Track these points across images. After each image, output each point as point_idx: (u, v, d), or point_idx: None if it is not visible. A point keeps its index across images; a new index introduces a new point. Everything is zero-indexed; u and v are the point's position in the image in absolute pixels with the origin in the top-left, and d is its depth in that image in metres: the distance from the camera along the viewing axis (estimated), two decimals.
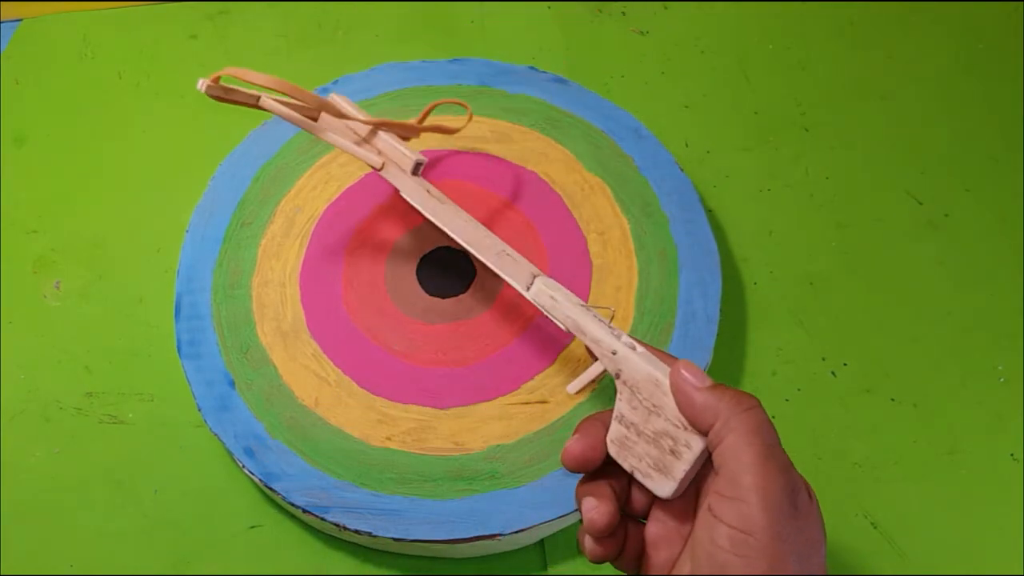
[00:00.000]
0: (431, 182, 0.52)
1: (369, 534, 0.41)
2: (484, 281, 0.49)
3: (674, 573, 0.31)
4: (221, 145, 0.54)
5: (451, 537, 0.41)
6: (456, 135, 0.54)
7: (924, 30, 0.64)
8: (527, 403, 0.45)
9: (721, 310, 0.48)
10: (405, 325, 0.47)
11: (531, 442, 0.44)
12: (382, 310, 0.48)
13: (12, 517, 0.45)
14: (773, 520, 0.27)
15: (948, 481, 0.46)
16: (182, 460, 0.47)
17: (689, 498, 0.33)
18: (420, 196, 0.44)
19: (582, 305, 0.37)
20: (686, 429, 0.31)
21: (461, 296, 0.48)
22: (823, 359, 0.50)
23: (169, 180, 0.57)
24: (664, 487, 0.32)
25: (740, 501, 0.28)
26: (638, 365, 0.33)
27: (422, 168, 0.45)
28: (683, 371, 0.31)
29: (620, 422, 0.33)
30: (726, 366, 0.50)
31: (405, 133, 0.47)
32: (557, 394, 0.45)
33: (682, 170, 0.52)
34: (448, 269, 0.49)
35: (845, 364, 0.50)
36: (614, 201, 0.51)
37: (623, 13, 0.65)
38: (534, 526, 0.41)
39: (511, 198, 0.51)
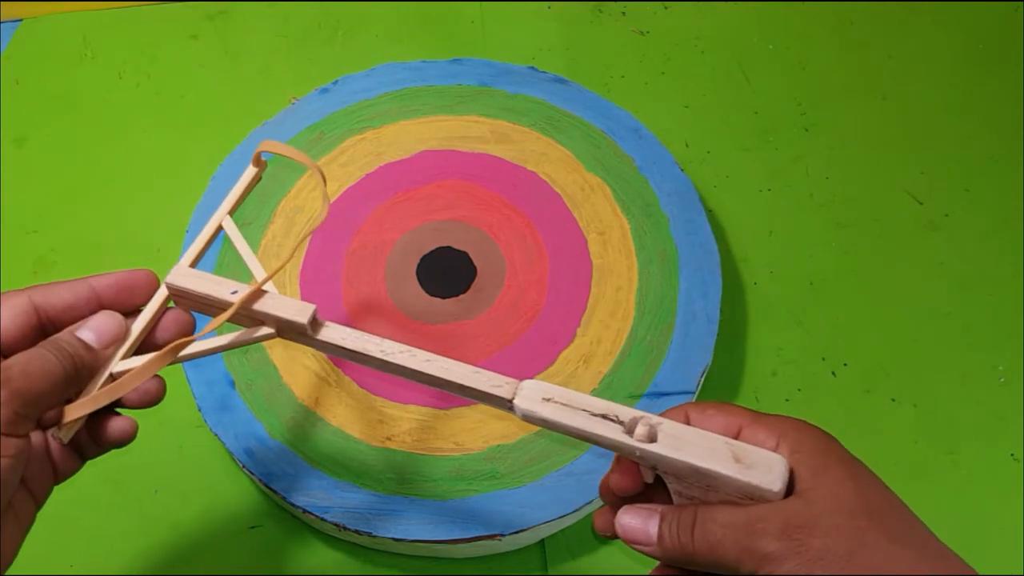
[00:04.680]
0: (435, 183, 0.52)
1: (369, 534, 0.41)
2: (484, 281, 0.49)
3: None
4: (221, 145, 0.54)
5: (451, 537, 0.41)
6: (456, 135, 0.54)
7: (924, 30, 0.64)
8: None
9: (721, 310, 0.48)
10: (405, 325, 0.47)
11: (531, 442, 0.44)
12: (382, 310, 0.48)
13: None
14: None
15: (948, 481, 0.46)
16: (182, 460, 0.47)
17: None
18: (334, 351, 0.34)
19: (585, 411, 0.31)
20: (752, 498, 0.28)
21: (461, 296, 0.48)
22: (823, 359, 0.50)
23: (169, 180, 0.57)
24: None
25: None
26: (667, 459, 0.29)
27: (318, 319, 0.33)
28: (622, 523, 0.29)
29: (681, 497, 0.30)
30: (726, 366, 0.50)
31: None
32: None
33: (682, 170, 0.52)
34: (448, 269, 0.49)
35: (845, 364, 0.50)
36: (614, 201, 0.51)
37: (623, 13, 0.65)
38: (534, 526, 0.41)
39: (511, 198, 0.51)
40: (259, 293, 0.33)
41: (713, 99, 0.61)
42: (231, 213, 0.36)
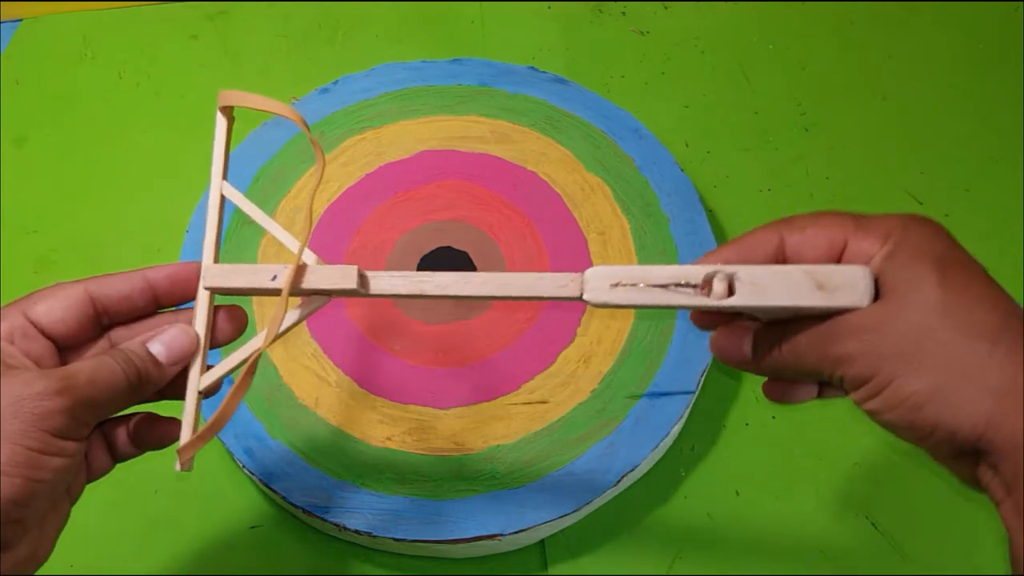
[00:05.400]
0: (435, 183, 0.52)
1: (369, 534, 0.41)
2: None
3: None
4: None
5: (451, 537, 0.41)
6: (456, 135, 0.54)
7: (924, 30, 0.64)
8: (527, 403, 0.45)
9: None
10: (405, 325, 0.47)
11: (531, 442, 0.44)
12: (382, 310, 0.48)
13: None
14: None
15: (948, 481, 0.46)
16: None
17: None
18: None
19: (657, 286, 0.30)
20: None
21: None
22: None
23: (169, 180, 0.57)
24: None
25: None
26: (751, 307, 0.28)
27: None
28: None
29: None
30: (726, 366, 0.50)
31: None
32: (557, 394, 0.45)
33: (682, 170, 0.52)
34: (448, 269, 0.49)
35: None
36: (614, 201, 0.51)
37: (623, 13, 0.65)
38: (534, 526, 0.41)
39: (511, 198, 0.51)
40: (301, 270, 0.32)
41: (713, 99, 0.61)
42: (224, 177, 0.35)
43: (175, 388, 0.32)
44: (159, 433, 0.33)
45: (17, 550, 0.28)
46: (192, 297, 0.33)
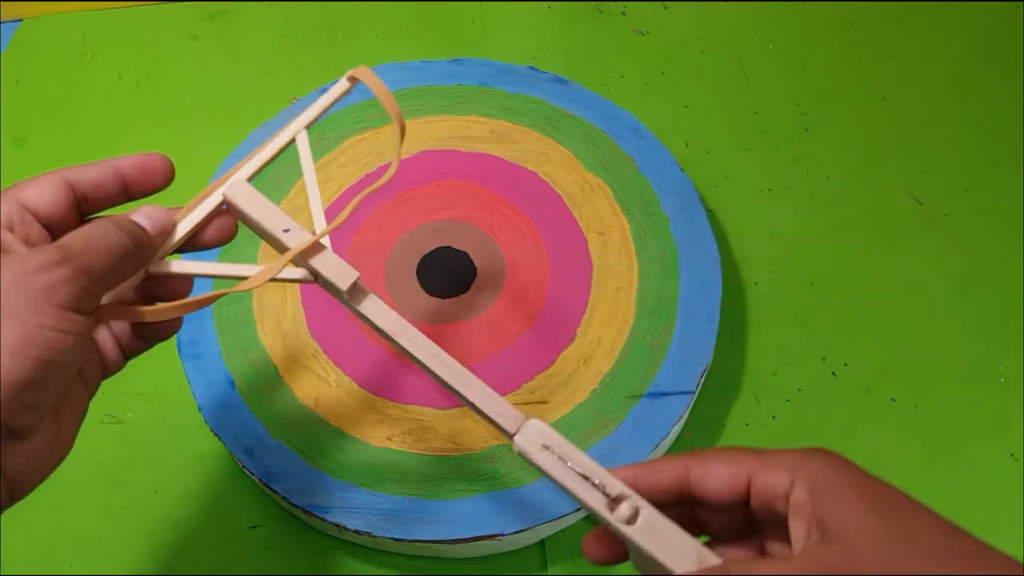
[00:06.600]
0: (435, 183, 0.52)
1: (369, 534, 0.41)
2: (484, 281, 0.49)
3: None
4: (221, 145, 0.54)
5: (451, 537, 0.41)
6: (456, 135, 0.54)
7: (924, 30, 0.64)
8: (527, 403, 0.45)
9: (721, 310, 0.48)
10: None
11: None
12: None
13: (12, 517, 0.45)
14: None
15: (948, 481, 0.46)
16: (182, 460, 0.47)
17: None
18: (365, 321, 0.34)
19: (577, 472, 0.30)
20: None
21: (461, 296, 0.48)
22: (823, 359, 0.50)
23: None
24: None
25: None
26: (638, 546, 0.29)
27: (359, 286, 0.34)
28: None
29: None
30: (726, 366, 0.50)
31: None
32: (557, 394, 0.45)
33: (682, 170, 0.52)
34: (448, 269, 0.49)
35: (845, 364, 0.50)
36: (614, 201, 0.51)
37: (623, 13, 0.65)
38: (534, 526, 0.41)
39: (511, 198, 0.51)
40: (317, 247, 0.32)
41: (713, 99, 0.61)
42: (308, 128, 0.35)
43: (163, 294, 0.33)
44: (167, 322, 0.33)
45: (34, 440, 0.27)
46: (159, 188, 0.34)
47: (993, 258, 0.54)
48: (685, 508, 0.30)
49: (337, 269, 0.32)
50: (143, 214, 0.32)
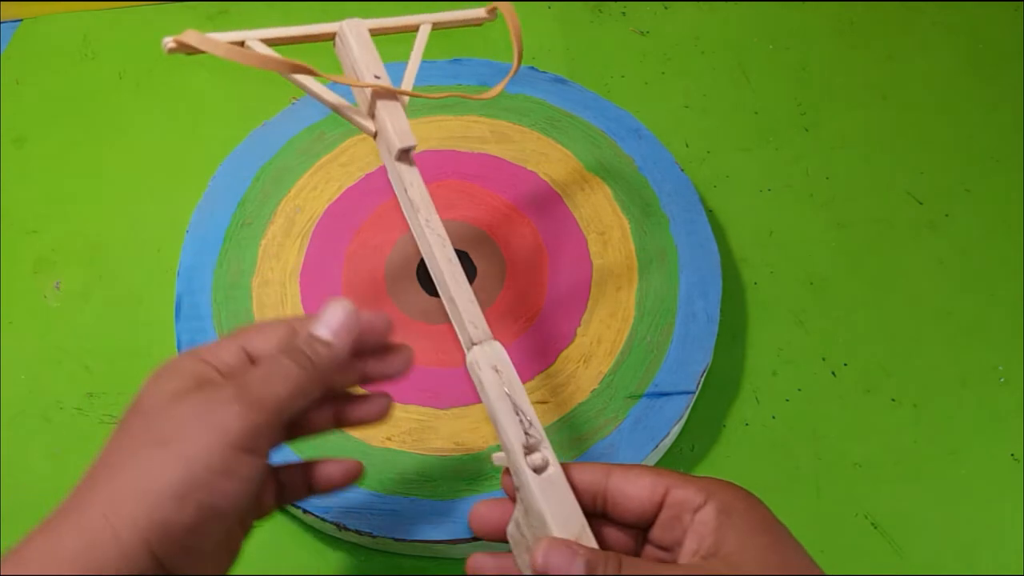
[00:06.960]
0: (435, 183, 0.52)
1: (369, 534, 0.41)
2: (484, 281, 0.49)
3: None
4: (221, 145, 0.54)
5: (451, 537, 0.41)
6: (456, 135, 0.54)
7: (924, 30, 0.64)
8: None
9: (721, 310, 0.48)
10: (405, 325, 0.47)
11: None
12: (382, 310, 0.48)
13: (12, 517, 0.45)
14: None
15: (948, 481, 0.46)
16: None
17: None
18: (397, 188, 0.38)
19: (509, 396, 0.31)
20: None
21: None
22: (823, 359, 0.50)
23: (169, 180, 0.57)
24: None
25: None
26: (532, 495, 0.30)
27: (410, 155, 0.38)
28: (546, 558, 0.27)
29: (516, 526, 0.31)
30: (726, 366, 0.50)
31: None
32: (557, 394, 0.45)
33: (682, 170, 0.52)
34: None
35: (845, 364, 0.50)
36: (614, 201, 0.51)
37: (623, 13, 0.65)
38: None
39: (511, 198, 0.51)
40: (395, 98, 0.35)
41: (713, 99, 0.61)
42: (435, 27, 0.38)
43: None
44: (342, 470, 0.33)
45: None
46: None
47: (993, 258, 0.54)
48: (588, 517, 0.30)
49: (400, 127, 0.35)
50: (322, 321, 0.30)
